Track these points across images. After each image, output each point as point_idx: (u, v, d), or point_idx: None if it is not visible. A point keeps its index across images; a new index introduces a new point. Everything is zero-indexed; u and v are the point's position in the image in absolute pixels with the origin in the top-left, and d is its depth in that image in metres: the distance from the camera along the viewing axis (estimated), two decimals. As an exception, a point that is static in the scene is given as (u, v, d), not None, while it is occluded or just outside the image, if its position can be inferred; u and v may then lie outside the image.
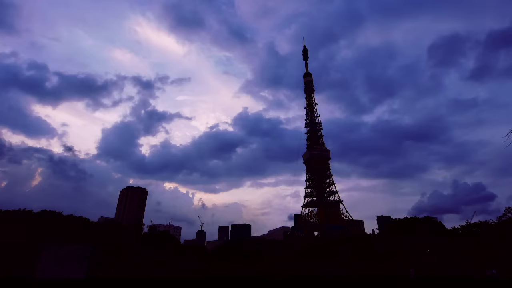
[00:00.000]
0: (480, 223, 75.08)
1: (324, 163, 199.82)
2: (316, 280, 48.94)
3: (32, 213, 70.75)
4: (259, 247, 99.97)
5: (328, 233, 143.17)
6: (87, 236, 63.77)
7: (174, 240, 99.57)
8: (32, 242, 54.27)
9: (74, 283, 33.47)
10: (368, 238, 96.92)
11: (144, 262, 70.98)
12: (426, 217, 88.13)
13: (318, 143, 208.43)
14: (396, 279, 50.24)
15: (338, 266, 76.28)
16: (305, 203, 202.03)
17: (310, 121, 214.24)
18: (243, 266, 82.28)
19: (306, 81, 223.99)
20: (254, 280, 48.23)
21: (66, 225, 66.78)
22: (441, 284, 38.22)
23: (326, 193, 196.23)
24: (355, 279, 50.27)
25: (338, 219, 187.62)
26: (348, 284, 38.60)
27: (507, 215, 68.09)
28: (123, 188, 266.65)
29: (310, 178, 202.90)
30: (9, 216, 65.15)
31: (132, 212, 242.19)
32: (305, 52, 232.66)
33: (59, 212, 75.59)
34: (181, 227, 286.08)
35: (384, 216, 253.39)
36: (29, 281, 34.49)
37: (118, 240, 71.07)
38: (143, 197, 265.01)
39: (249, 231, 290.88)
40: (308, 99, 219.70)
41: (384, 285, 36.80)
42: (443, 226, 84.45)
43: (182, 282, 40.58)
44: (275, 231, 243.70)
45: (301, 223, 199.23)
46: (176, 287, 32.58)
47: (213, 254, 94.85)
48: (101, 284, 34.42)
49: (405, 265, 66.07)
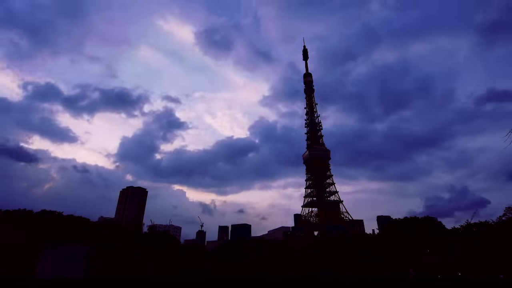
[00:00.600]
0: (480, 223, 75.02)
1: (324, 163, 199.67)
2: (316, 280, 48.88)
3: (32, 213, 70.74)
4: (259, 247, 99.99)
5: (328, 233, 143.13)
6: (87, 236, 63.74)
7: (174, 240, 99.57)
8: (32, 242, 54.25)
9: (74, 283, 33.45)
10: (368, 238, 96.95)
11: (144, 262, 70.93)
12: (426, 217, 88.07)
13: (318, 143, 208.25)
14: (396, 279, 50.19)
15: (338, 266, 76.24)
16: (305, 203, 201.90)
17: (310, 121, 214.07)
18: (243, 266, 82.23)
19: (306, 81, 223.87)
20: (254, 280, 48.17)
21: (66, 225, 66.78)
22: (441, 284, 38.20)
23: (326, 193, 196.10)
24: (355, 279, 50.22)
25: (338, 219, 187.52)
26: (348, 284, 38.57)
27: (507, 215, 68.03)
28: (123, 188, 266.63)
29: (310, 178, 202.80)
30: (9, 216, 65.15)
31: (132, 212, 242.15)
32: (305, 52, 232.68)
33: (59, 212, 75.59)
34: (181, 227, 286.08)
35: (384, 216, 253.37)
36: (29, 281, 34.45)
37: (118, 240, 71.02)
38: (143, 197, 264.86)
39: (249, 231, 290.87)
40: (308, 99, 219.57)
41: (384, 285, 36.77)
42: (443, 226, 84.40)
43: (182, 282, 40.54)
44: (275, 231, 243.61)
45: (301, 223, 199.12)
46: (176, 287, 32.55)
47: (213, 254, 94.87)
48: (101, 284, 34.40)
49: (405, 265, 66.05)
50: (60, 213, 75.14)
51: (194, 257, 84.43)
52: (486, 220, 74.23)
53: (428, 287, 33.35)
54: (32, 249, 50.74)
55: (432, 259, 66.25)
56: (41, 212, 72.91)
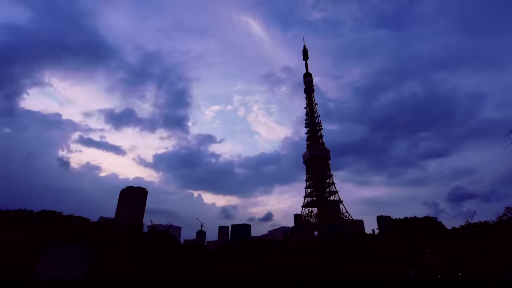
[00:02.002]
0: (480, 223, 74.97)
1: (324, 163, 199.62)
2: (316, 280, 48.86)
3: (32, 213, 70.78)
4: (259, 247, 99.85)
5: (328, 233, 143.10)
6: (87, 236, 63.73)
7: (174, 240, 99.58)
8: (32, 242, 54.26)
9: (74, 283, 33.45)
10: (368, 238, 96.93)
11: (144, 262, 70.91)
12: (426, 217, 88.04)
13: (318, 143, 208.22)
14: (396, 279, 50.19)
15: (338, 266, 76.25)
16: (305, 203, 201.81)
17: (310, 121, 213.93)
18: (243, 266, 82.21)
19: (306, 81, 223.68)
20: (254, 280, 48.17)
21: (66, 225, 66.79)
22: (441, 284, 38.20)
23: (326, 193, 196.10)
24: (355, 279, 50.20)
25: (338, 219, 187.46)
26: (348, 284, 38.56)
27: (507, 215, 68.01)
28: (123, 188, 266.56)
29: (310, 178, 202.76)
30: (9, 216, 65.18)
31: (132, 212, 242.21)
32: (305, 52, 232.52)
33: (59, 212, 75.63)
34: (181, 227, 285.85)
35: (384, 216, 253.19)
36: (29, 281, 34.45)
37: (118, 240, 71.03)
38: (143, 197, 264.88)
39: (249, 231, 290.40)
40: (308, 99, 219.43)
41: (384, 285, 36.77)
42: (443, 226, 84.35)
43: (182, 282, 40.55)
44: (275, 231, 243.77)
45: (301, 223, 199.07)
46: (176, 287, 32.55)
47: (213, 254, 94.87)
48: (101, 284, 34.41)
49: (405, 265, 66.04)
50: (60, 213, 75.17)
51: (194, 257, 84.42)
52: (486, 220, 74.22)
53: (428, 287, 33.33)
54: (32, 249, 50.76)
55: (432, 259, 66.26)
56: (41, 212, 72.93)
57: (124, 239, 73.29)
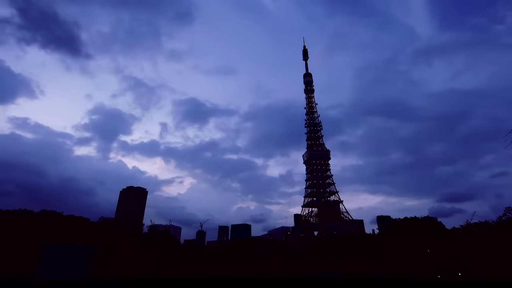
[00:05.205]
0: (480, 223, 74.81)
1: (324, 163, 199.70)
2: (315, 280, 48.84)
3: (32, 213, 70.65)
4: (259, 247, 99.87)
5: (328, 233, 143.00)
6: (87, 236, 63.66)
7: (174, 240, 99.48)
8: (32, 242, 54.23)
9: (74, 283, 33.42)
10: (368, 238, 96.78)
11: (144, 262, 70.89)
12: (426, 217, 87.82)
13: (318, 143, 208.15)
14: (396, 279, 50.17)
15: (338, 266, 76.26)
16: (305, 203, 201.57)
17: (310, 121, 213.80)
18: (243, 266, 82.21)
19: (306, 81, 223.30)
20: (254, 280, 48.13)
21: (66, 225, 66.69)
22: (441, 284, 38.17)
23: (326, 193, 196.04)
24: (355, 279, 50.17)
25: (338, 219, 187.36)
26: (348, 284, 38.53)
27: (507, 215, 67.89)
28: (123, 188, 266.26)
29: (310, 178, 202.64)
30: (9, 216, 65.07)
31: (132, 212, 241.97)
32: (305, 52, 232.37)
33: (59, 212, 75.44)
34: (181, 227, 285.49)
35: (384, 216, 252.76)
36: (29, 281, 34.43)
37: (118, 240, 70.98)
38: (143, 197, 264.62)
39: (249, 231, 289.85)
40: (308, 99, 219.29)
41: (384, 285, 36.74)
42: (443, 226, 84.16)
43: (182, 282, 40.51)
44: (275, 231, 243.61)
45: (301, 223, 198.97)
46: (176, 287, 32.51)
47: (213, 254, 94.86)
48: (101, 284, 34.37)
49: (405, 265, 66.06)
50: (60, 213, 75.03)
51: (194, 257, 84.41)
52: (486, 220, 74.06)
53: (428, 287, 33.30)
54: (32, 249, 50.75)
55: (432, 259, 66.27)
56: (41, 212, 72.81)
57: (124, 239, 73.25)
